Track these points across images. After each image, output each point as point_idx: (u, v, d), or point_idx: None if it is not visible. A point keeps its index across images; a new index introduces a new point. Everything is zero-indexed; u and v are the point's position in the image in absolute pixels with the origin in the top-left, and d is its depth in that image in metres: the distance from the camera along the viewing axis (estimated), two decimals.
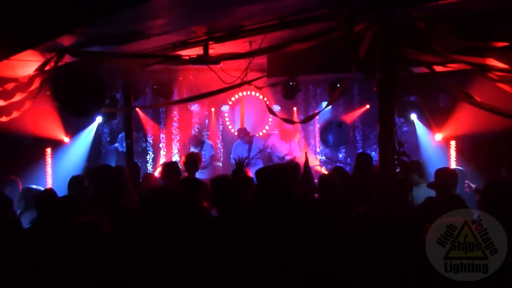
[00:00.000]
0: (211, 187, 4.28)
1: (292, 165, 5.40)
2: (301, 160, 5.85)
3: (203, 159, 7.78)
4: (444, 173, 4.87)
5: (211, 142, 9.15)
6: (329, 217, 3.47)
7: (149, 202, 3.41)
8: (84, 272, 2.64)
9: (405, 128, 8.01)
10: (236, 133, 9.29)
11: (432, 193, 4.78)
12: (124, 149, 8.13)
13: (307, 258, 2.46)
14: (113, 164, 7.36)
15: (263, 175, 4.37)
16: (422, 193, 4.88)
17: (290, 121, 6.42)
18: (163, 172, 5.72)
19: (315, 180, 5.59)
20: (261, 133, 9.59)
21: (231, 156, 9.05)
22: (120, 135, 8.61)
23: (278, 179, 4.22)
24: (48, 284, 2.53)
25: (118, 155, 8.44)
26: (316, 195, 5.11)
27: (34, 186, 5.07)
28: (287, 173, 4.72)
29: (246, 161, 8.47)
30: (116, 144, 8.83)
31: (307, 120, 7.01)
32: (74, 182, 4.87)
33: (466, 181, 5.64)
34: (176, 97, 8.62)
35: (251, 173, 5.64)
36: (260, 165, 8.20)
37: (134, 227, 3.28)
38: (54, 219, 3.50)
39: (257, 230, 2.90)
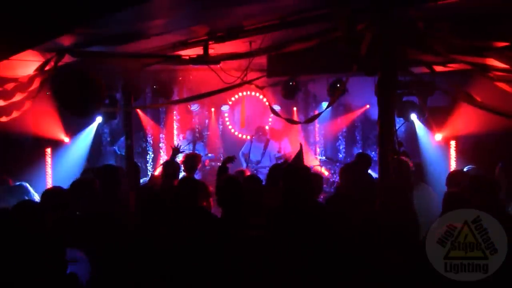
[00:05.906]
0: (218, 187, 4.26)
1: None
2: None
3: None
4: (457, 176, 4.84)
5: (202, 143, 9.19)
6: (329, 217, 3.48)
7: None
8: None
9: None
10: (237, 133, 9.22)
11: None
12: (123, 153, 8.12)
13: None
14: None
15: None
16: (423, 193, 4.88)
17: (292, 121, 6.43)
18: (163, 172, 5.70)
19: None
20: None
21: (241, 151, 8.99)
22: (121, 139, 8.56)
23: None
24: None
25: (116, 157, 8.43)
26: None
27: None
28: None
29: (256, 165, 8.51)
30: (115, 147, 8.82)
31: (310, 120, 7.11)
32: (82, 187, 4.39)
33: None
34: (176, 97, 8.61)
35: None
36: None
37: None
38: None
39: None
